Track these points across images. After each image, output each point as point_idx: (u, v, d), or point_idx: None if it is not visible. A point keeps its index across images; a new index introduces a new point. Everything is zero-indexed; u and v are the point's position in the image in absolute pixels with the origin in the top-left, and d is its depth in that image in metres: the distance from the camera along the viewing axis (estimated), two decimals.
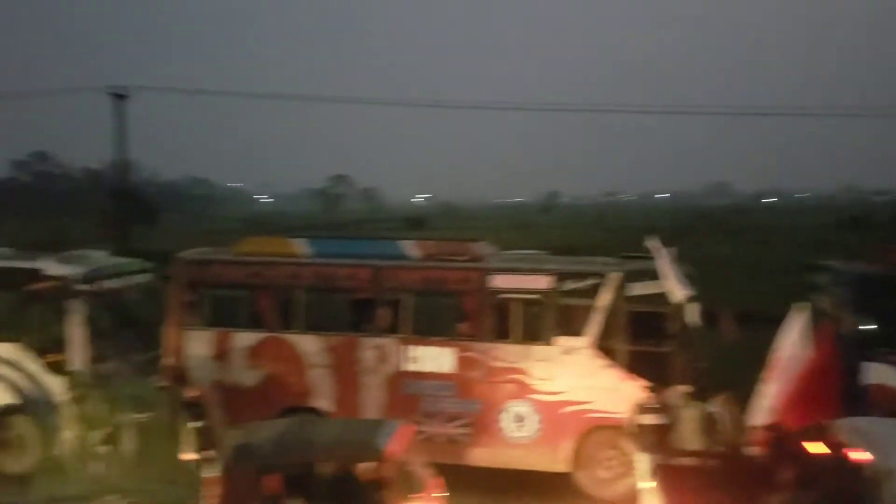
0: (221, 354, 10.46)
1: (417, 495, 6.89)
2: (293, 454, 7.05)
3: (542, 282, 9.92)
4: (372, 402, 10.14)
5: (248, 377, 10.40)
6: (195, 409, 9.44)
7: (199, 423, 9.29)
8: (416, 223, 71.60)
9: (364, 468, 6.84)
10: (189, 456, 9.15)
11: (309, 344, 10.28)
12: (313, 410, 10.23)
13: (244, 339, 10.46)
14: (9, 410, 10.27)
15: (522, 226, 65.15)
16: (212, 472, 6.72)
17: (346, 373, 10.22)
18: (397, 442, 7.08)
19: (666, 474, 7.80)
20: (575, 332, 9.74)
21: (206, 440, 9.29)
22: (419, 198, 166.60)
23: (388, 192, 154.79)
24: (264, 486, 6.75)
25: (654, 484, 7.70)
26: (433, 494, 7.13)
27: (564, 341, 9.73)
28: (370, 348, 10.18)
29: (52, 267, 10.32)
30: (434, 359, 10.02)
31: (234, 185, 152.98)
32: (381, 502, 6.68)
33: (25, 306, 10.41)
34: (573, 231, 52.74)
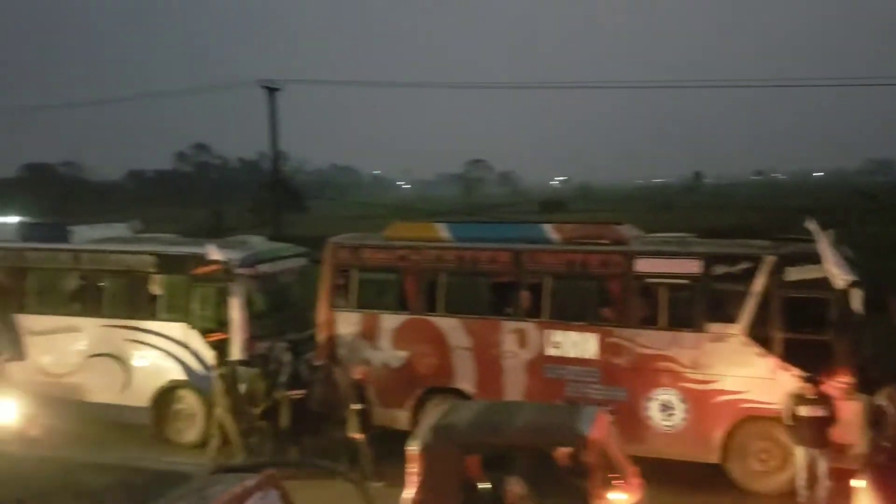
0: (369, 335, 10.85)
1: (619, 482, 6.69)
2: (493, 435, 6.99)
3: (691, 265, 9.57)
4: (514, 386, 10.19)
5: (393, 358, 10.72)
6: (359, 390, 9.84)
7: (361, 406, 9.69)
8: (553, 206, 70.88)
9: (566, 453, 6.75)
10: (355, 435, 9.58)
11: (452, 326, 10.46)
12: (456, 392, 10.43)
13: (390, 320, 10.78)
14: (177, 385, 11.12)
15: (666, 207, 62.91)
16: (413, 449, 6.80)
17: (487, 355, 10.33)
18: (599, 427, 6.94)
19: (880, 472, 7.26)
20: (727, 318, 9.34)
21: (367, 421, 9.71)
22: (557, 180, 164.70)
23: (525, 175, 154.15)
24: (464, 466, 6.80)
25: (865, 483, 7.13)
26: (632, 482, 6.90)
27: (716, 328, 9.35)
28: (512, 332, 10.22)
29: (214, 252, 11.01)
30: (577, 344, 9.92)
31: (376, 172, 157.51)
32: (583, 488, 6.54)
33: (191, 288, 11.20)
34: (721, 213, 50.33)
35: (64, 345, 11.49)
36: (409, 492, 6.71)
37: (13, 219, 14.64)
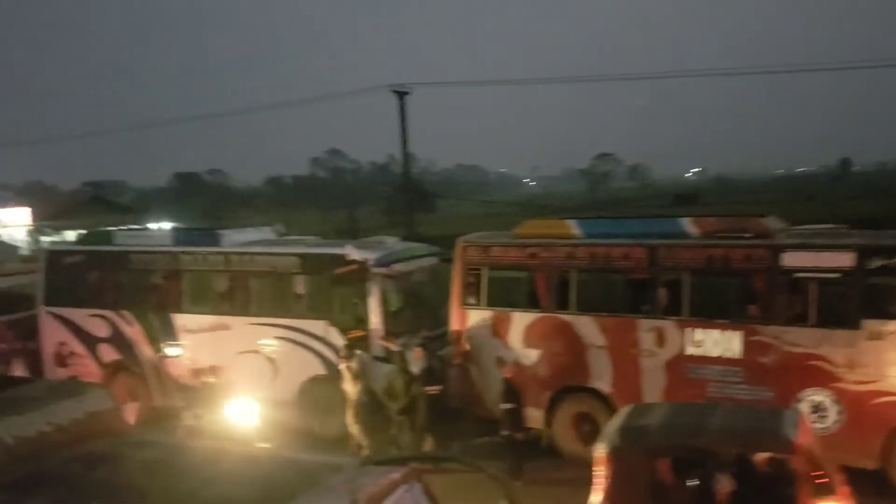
0: (500, 333, 10.87)
1: (829, 492, 6.14)
2: (690, 438, 6.56)
3: (845, 258, 8.96)
4: (653, 385, 9.91)
5: (525, 356, 10.69)
6: (509, 389, 9.86)
7: (511, 405, 9.74)
8: (687, 199, 68.37)
9: (770, 459, 6.31)
10: (506, 433, 9.66)
11: (586, 324, 10.31)
12: (591, 391, 10.29)
13: (522, 318, 10.76)
14: (318, 379, 11.58)
15: (811, 198, 59.29)
16: (600, 452, 6.58)
17: (624, 354, 10.10)
18: (805, 432, 6.50)
19: None
20: (886, 314, 8.69)
21: (517, 420, 9.73)
22: (691, 172, 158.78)
23: (656, 168, 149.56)
24: (654, 471, 6.54)
25: None
26: (842, 492, 6.36)
27: (873, 325, 8.72)
28: (649, 330, 9.94)
29: (352, 252, 11.40)
30: (719, 342, 9.52)
31: (502, 170, 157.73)
32: (789, 497, 6.10)
33: (331, 287, 11.63)
34: (873, 202, 46.88)
35: (216, 342, 12.21)
36: (597, 496, 6.50)
37: (167, 224, 15.82)
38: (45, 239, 32.63)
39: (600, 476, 6.57)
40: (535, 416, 10.48)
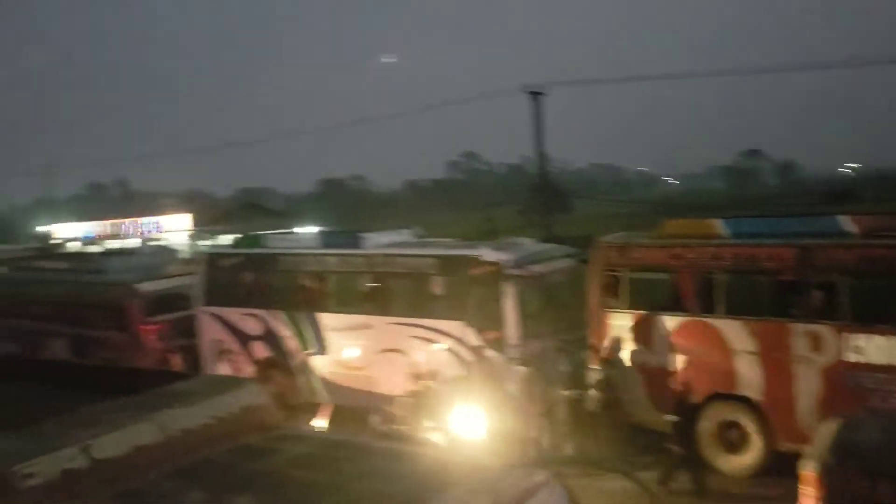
0: (641, 337, 10.58)
1: None
2: None
3: None
4: (807, 394, 9.33)
5: (669, 361, 10.34)
6: (678, 400, 9.51)
7: (678, 417, 9.37)
8: (841, 197, 63.77)
9: None
10: (673, 448, 9.29)
11: (733, 328, 9.84)
12: (739, 398, 9.82)
13: (665, 322, 10.42)
14: (455, 381, 11.69)
15: None
16: (808, 470, 6.06)
17: (775, 360, 9.56)
18: None
19: None
20: None
21: (683, 434, 9.29)
22: (847, 167, 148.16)
23: (808, 164, 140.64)
24: (874, 493, 5.89)
25: None
26: None
27: None
28: (803, 335, 9.35)
29: (487, 253, 11.46)
30: (884, 349, 8.82)
31: (640, 168, 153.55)
32: None
33: (468, 289, 11.73)
34: None
35: (358, 340, 12.62)
36: None
37: (313, 228, 16.53)
38: (202, 243, 34.92)
39: (810, 498, 6.05)
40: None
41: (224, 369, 13.75)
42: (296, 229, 24.28)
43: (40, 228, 47.55)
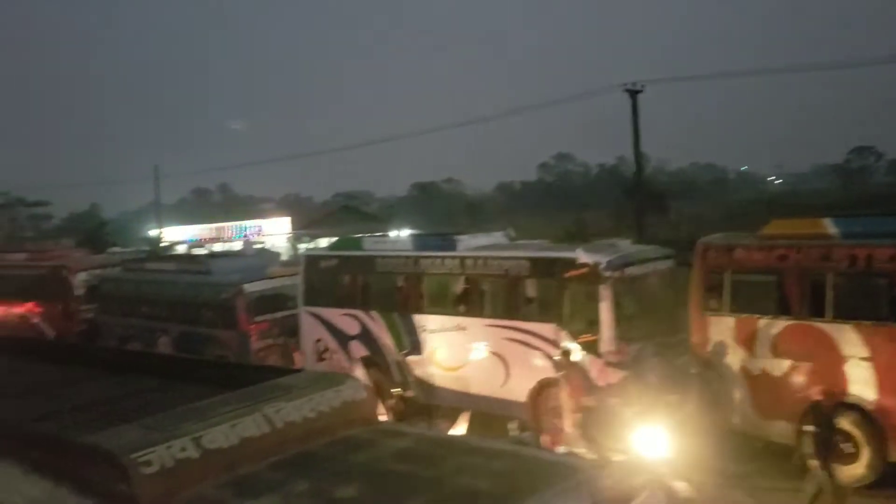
0: (744, 341, 10.22)
1: None
2: None
3: None
4: None
5: (773, 366, 9.95)
6: (819, 411, 8.68)
7: (816, 429, 8.45)
8: None
9: None
10: (811, 462, 8.39)
11: (844, 333, 9.38)
12: (850, 406, 9.34)
13: (769, 325, 10.04)
14: (550, 383, 11.60)
15: None
16: None
17: (890, 367, 9.06)
18: None
19: None
20: None
21: (824, 447, 8.32)
22: None
23: None
24: None
25: None
26: None
27: None
28: None
29: (583, 255, 11.32)
30: None
31: (742, 168, 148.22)
32: None
33: (562, 291, 11.62)
34: None
35: (453, 342, 12.71)
36: None
37: (407, 232, 16.80)
38: (301, 246, 35.98)
39: None
40: (783, 431, 9.73)
41: (324, 367, 14.12)
42: (391, 232, 24.68)
43: (150, 232, 50.15)
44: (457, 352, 12.60)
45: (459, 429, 9.96)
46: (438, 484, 3.86)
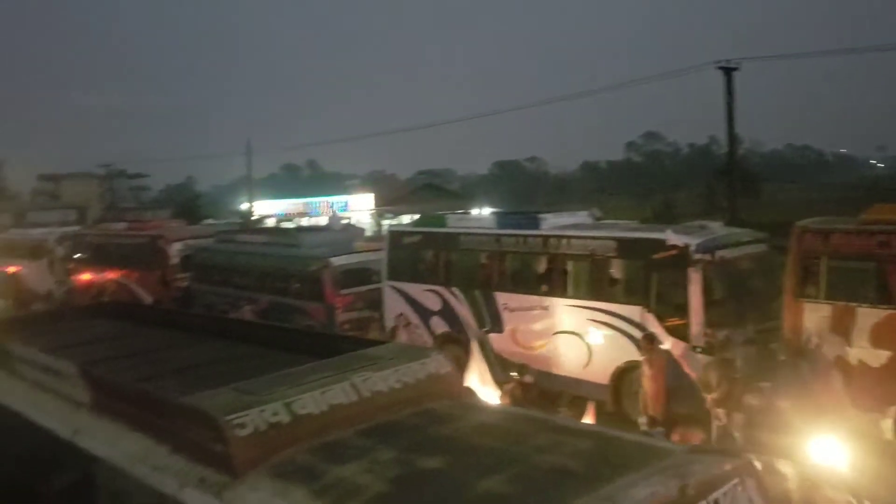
0: (841, 329, 9.80)
1: None
2: None
3: None
4: None
5: (872, 356, 9.51)
6: None
7: None
8: None
9: None
10: None
11: None
12: None
13: (869, 314, 9.59)
14: (634, 366, 11.43)
15: None
16: None
17: None
18: None
19: None
20: None
21: None
22: None
23: None
24: None
25: None
26: None
27: None
28: None
29: (673, 237, 11.05)
30: None
31: (841, 150, 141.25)
32: None
33: (649, 273, 11.39)
34: None
35: (534, 321, 12.67)
36: None
37: (488, 210, 16.80)
38: (385, 222, 36.49)
39: None
40: (882, 425, 9.31)
41: (405, 341, 14.32)
42: (473, 210, 24.69)
43: (241, 205, 51.76)
44: (538, 331, 12.56)
45: (585, 421, 9.78)
46: (523, 460, 3.87)
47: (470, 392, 5.46)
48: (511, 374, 10.86)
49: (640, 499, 3.37)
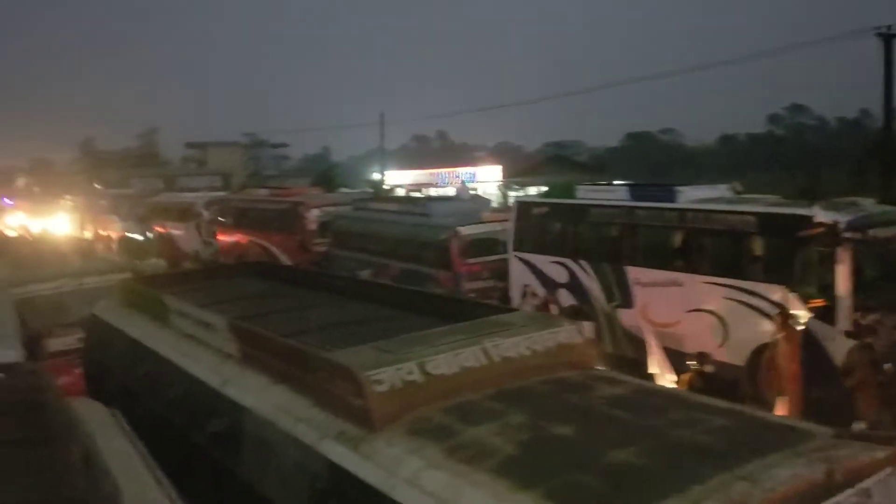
0: None
1: None
2: None
3: None
4: None
5: None
6: None
7: None
8: None
9: None
10: None
11: None
12: None
13: None
14: (770, 347, 10.91)
15: None
16: None
17: None
18: None
19: None
20: None
21: None
22: None
23: None
24: None
25: None
26: None
27: None
28: None
29: (820, 214, 10.42)
30: None
31: None
32: None
33: (793, 251, 10.80)
34: None
35: (667, 297, 12.32)
36: None
37: (621, 182, 16.38)
38: (511, 193, 36.40)
39: None
40: None
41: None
42: (603, 182, 24.09)
43: (373, 175, 53.12)
44: (670, 308, 12.21)
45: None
46: (656, 434, 3.81)
47: (602, 364, 5.40)
48: (689, 363, 10.43)
49: (782, 479, 3.26)
